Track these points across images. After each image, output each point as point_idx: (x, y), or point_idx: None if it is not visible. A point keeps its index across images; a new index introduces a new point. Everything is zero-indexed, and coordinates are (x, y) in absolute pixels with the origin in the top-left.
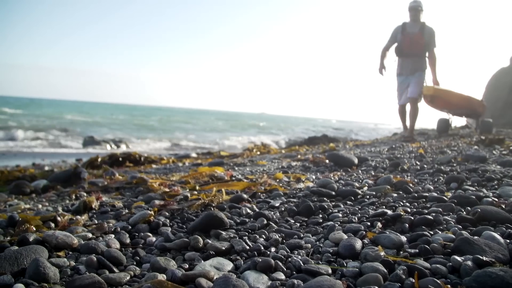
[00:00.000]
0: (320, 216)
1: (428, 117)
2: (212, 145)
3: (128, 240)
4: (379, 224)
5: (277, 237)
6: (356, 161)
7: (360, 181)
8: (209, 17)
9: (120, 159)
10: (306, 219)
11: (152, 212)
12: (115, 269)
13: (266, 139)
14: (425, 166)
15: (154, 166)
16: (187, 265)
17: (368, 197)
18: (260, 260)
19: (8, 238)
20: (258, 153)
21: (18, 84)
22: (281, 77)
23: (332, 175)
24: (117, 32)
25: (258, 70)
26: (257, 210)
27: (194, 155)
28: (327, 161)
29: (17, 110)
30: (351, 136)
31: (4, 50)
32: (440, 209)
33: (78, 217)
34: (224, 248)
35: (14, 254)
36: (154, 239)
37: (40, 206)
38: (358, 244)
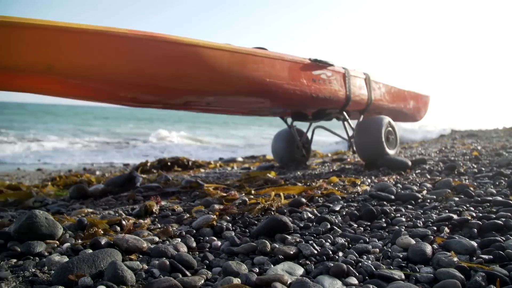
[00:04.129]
0: (383, 220)
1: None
2: (252, 149)
3: (194, 244)
4: (446, 229)
5: (343, 241)
6: (410, 164)
7: (418, 184)
8: (248, 22)
9: (169, 163)
10: (369, 223)
11: (214, 217)
12: (187, 273)
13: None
14: (483, 169)
15: (202, 170)
16: (257, 269)
17: (428, 201)
18: (332, 265)
19: (80, 241)
20: None
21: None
22: None
23: (387, 179)
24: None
25: None
26: (318, 214)
27: (240, 159)
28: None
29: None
30: None
31: None
32: (509, 214)
33: (141, 221)
34: (292, 253)
35: (91, 257)
36: (219, 243)
37: (101, 210)
38: (428, 249)
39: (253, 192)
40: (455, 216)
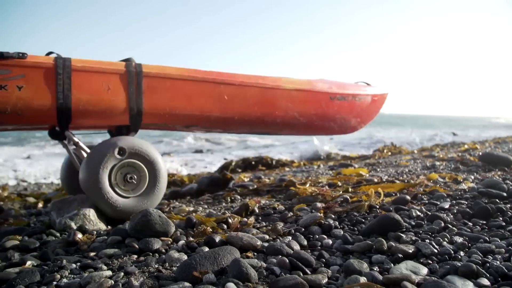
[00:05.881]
0: (501, 219)
1: None
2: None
3: (305, 242)
4: None
5: (462, 240)
6: None
7: None
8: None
9: (253, 163)
10: (484, 222)
11: (321, 215)
12: (307, 271)
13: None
14: None
15: (287, 169)
16: (377, 268)
17: None
18: (460, 264)
19: (191, 238)
20: (389, 153)
21: None
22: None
23: (491, 175)
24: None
25: (372, 68)
26: (427, 212)
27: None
28: (476, 160)
29: None
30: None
31: None
32: None
33: (245, 219)
34: (411, 251)
35: (212, 254)
36: (330, 241)
37: (200, 208)
38: None
39: (350, 190)
40: None
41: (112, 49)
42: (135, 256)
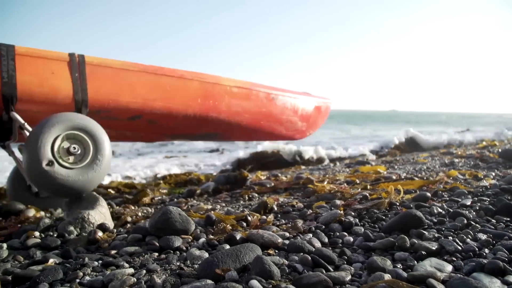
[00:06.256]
0: None
1: None
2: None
3: (326, 240)
4: None
5: (486, 237)
6: None
7: None
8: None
9: (268, 161)
10: (508, 219)
11: (341, 212)
12: (330, 268)
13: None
14: None
15: (303, 167)
16: (400, 265)
17: None
18: (486, 262)
19: (211, 236)
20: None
21: None
22: (413, 71)
23: None
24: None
25: (388, 66)
26: (449, 209)
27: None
28: (496, 157)
29: None
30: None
31: None
32: None
33: (264, 217)
34: (434, 248)
35: (234, 252)
36: (351, 238)
37: (218, 206)
38: None
39: (369, 187)
40: None
41: (114, 52)
42: (156, 254)
